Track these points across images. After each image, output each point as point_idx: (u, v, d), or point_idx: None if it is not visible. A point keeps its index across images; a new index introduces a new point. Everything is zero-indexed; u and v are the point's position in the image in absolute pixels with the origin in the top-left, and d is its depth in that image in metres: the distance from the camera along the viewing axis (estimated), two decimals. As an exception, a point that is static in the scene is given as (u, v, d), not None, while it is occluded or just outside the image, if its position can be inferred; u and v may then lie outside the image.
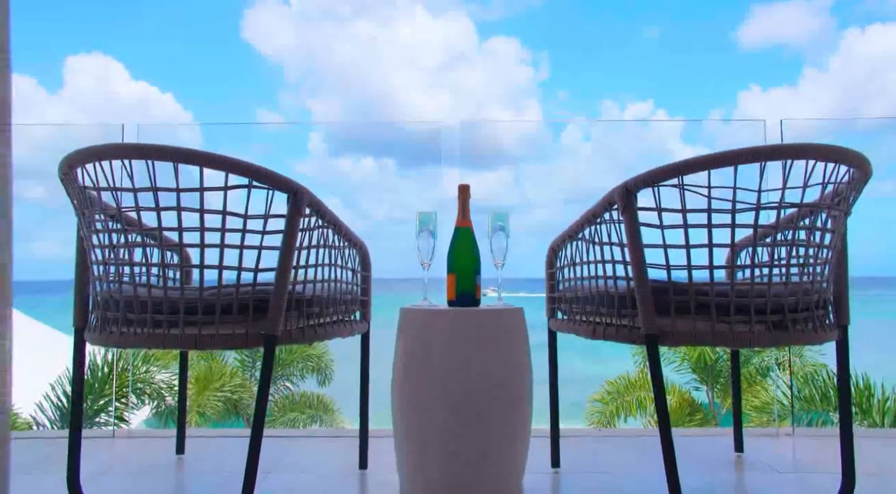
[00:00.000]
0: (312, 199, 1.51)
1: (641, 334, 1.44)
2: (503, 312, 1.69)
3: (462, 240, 1.76)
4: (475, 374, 1.61)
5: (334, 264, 1.69)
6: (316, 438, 2.43)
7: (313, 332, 1.59)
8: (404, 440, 1.66)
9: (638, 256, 1.44)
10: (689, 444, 2.22)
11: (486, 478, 1.61)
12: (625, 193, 1.45)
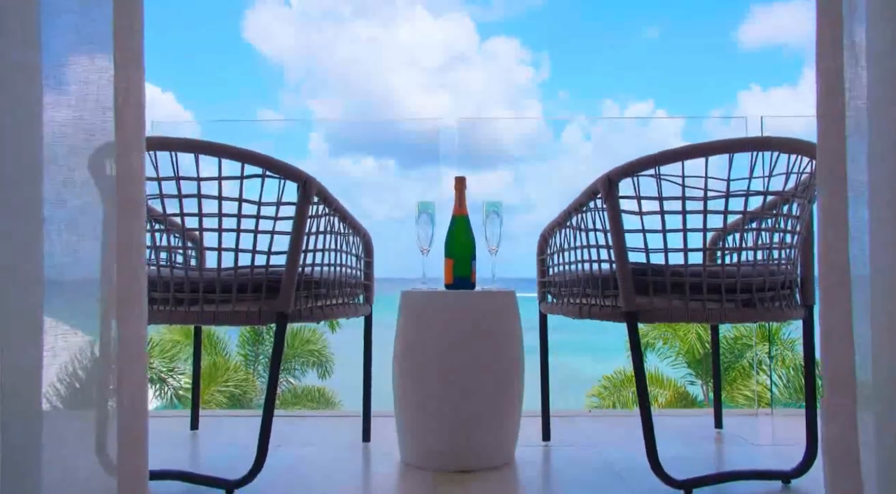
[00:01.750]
0: (320, 188, 1.65)
1: (622, 312, 1.57)
2: (497, 294, 1.82)
3: (459, 228, 1.89)
4: (470, 350, 1.74)
5: (340, 249, 1.82)
6: (322, 418, 2.57)
7: (321, 312, 1.72)
8: (404, 411, 1.80)
9: (619, 241, 1.57)
10: (672, 422, 2.35)
11: (480, 447, 1.75)
12: (607, 183, 1.58)
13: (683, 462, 1.66)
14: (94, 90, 0.91)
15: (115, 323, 0.93)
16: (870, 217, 0.89)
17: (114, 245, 1.00)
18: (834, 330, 0.90)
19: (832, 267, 0.91)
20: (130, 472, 0.91)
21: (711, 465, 1.84)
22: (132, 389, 0.92)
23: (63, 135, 0.91)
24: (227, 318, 1.56)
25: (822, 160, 0.94)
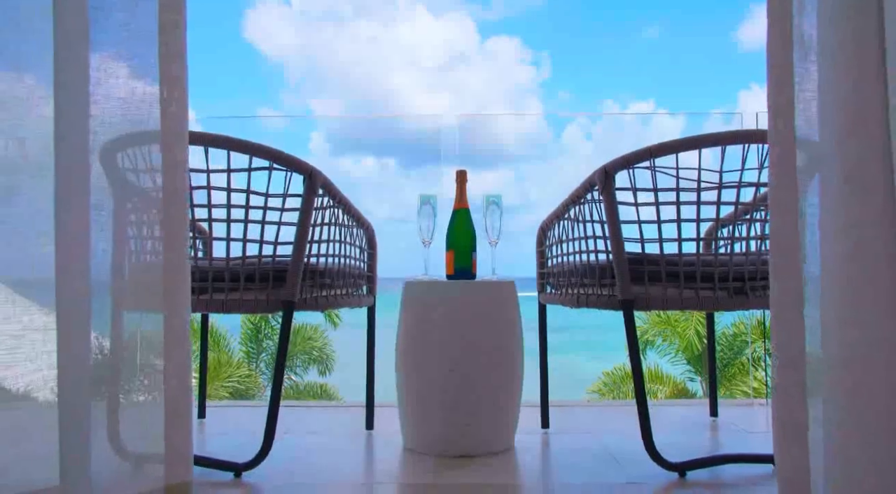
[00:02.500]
0: (325, 181, 1.69)
1: (618, 300, 1.61)
2: (497, 284, 1.87)
3: (460, 220, 1.94)
4: (471, 339, 1.79)
5: (344, 241, 1.87)
6: (325, 408, 2.62)
7: (326, 301, 1.77)
8: (406, 397, 1.85)
9: (615, 231, 1.62)
10: (668, 412, 2.40)
11: (480, 433, 1.79)
12: (604, 175, 1.63)
13: (679, 448, 1.70)
14: (141, 84, 0.96)
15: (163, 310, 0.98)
16: (819, 204, 0.94)
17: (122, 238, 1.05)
18: (785, 311, 0.96)
19: (784, 252, 0.96)
20: (177, 446, 0.96)
21: (706, 450, 1.88)
22: (178, 370, 0.97)
23: (111, 124, 0.96)
24: (236, 306, 1.61)
25: (774, 150, 0.99)
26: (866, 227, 0.86)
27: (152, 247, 1.04)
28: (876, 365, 0.85)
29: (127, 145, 1.04)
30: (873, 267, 0.85)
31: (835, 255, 0.89)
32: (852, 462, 0.87)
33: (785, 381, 0.94)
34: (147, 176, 1.05)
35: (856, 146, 0.87)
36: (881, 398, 0.84)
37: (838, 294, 0.89)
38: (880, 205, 0.85)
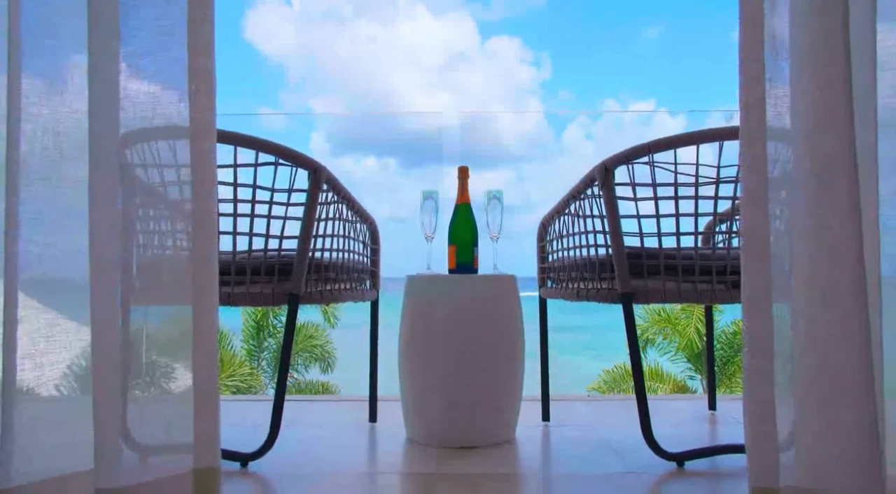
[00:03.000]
0: (330, 176, 1.72)
1: (618, 293, 1.64)
2: (498, 278, 1.91)
3: (461, 215, 1.97)
4: (472, 331, 1.82)
5: (348, 236, 1.90)
6: (329, 402, 2.65)
7: (330, 294, 1.80)
8: (409, 389, 1.88)
9: (615, 226, 1.65)
10: (667, 406, 2.43)
11: (482, 424, 1.82)
12: (603, 170, 1.66)
13: (677, 439, 1.73)
14: (170, 78, 0.98)
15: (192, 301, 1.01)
16: (789, 200, 0.98)
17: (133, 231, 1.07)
18: (756, 303, 0.99)
19: (754, 242, 0.99)
20: (204, 432, 0.99)
21: (704, 441, 1.91)
22: (205, 360, 1.00)
23: (143, 118, 0.99)
24: (242, 299, 1.64)
25: (745, 147, 1.03)
26: (834, 223, 0.90)
27: (181, 240, 1.07)
28: (841, 357, 0.89)
29: (157, 138, 1.07)
30: (840, 263, 0.89)
31: (804, 250, 0.93)
32: (816, 441, 0.92)
33: (755, 368, 0.98)
34: (176, 169, 1.08)
35: (823, 144, 0.91)
36: (845, 386, 0.89)
37: (806, 288, 0.93)
38: (846, 202, 0.89)
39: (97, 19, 0.92)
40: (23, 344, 0.95)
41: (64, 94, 0.97)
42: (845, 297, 0.89)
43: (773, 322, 0.97)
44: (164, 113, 1.01)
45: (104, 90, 0.94)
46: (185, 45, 0.99)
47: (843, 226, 0.89)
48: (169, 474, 0.97)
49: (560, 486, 1.50)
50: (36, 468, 0.95)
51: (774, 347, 0.97)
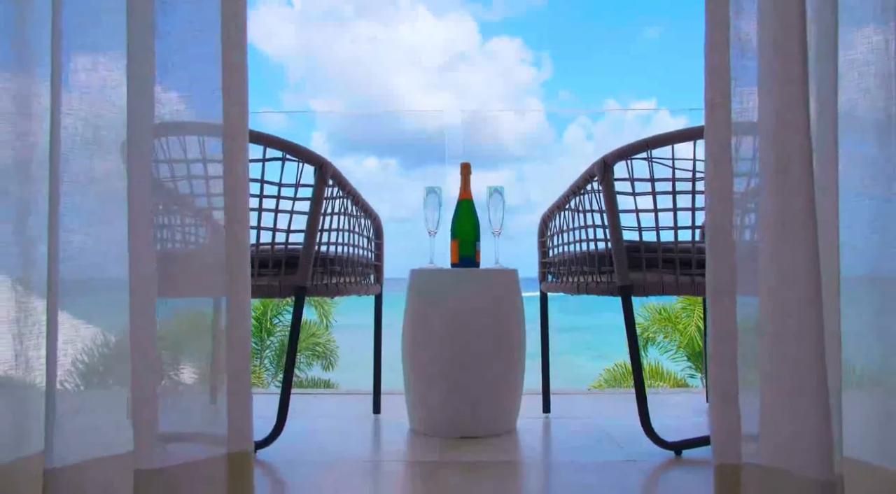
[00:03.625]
0: (335, 172, 1.76)
1: (617, 286, 1.68)
2: (499, 272, 1.95)
3: (464, 211, 2.01)
4: (474, 324, 1.86)
5: (352, 230, 1.94)
6: (333, 395, 2.69)
7: (335, 287, 1.84)
8: (412, 382, 1.92)
9: (614, 220, 1.69)
10: (666, 399, 2.47)
11: (484, 415, 1.86)
12: (603, 166, 1.70)
13: (675, 430, 1.77)
14: (204, 72, 1.02)
15: (226, 292, 1.05)
16: (752, 192, 1.03)
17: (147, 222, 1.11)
18: (720, 292, 1.04)
19: (719, 234, 1.05)
20: (237, 417, 1.04)
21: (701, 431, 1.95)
22: (238, 348, 1.04)
23: (177, 112, 1.02)
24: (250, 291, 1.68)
25: (710, 142, 1.07)
26: (793, 218, 0.95)
27: (214, 232, 1.11)
28: (798, 347, 0.94)
29: (191, 131, 1.11)
30: (797, 257, 0.94)
31: (767, 243, 0.98)
32: (775, 423, 0.97)
33: (719, 353, 1.04)
34: (208, 163, 1.12)
35: (784, 140, 0.96)
36: (801, 374, 0.93)
37: (768, 280, 0.98)
38: (804, 198, 0.93)
39: (134, 16, 0.96)
40: (64, 330, 0.98)
41: (104, 90, 1.01)
42: (803, 290, 0.94)
43: (736, 310, 1.02)
44: (197, 107, 1.04)
45: (140, 85, 0.98)
46: (218, 39, 1.02)
47: (801, 221, 0.94)
48: (204, 457, 1.01)
49: (559, 473, 1.54)
50: (78, 450, 0.99)
51: (738, 334, 1.02)
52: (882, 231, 0.99)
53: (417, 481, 1.50)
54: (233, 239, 1.06)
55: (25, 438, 1.05)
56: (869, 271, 1.01)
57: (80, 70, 0.99)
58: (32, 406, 1.05)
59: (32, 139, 1.05)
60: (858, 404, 1.03)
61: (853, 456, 1.00)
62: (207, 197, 1.14)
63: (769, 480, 0.98)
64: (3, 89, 1.01)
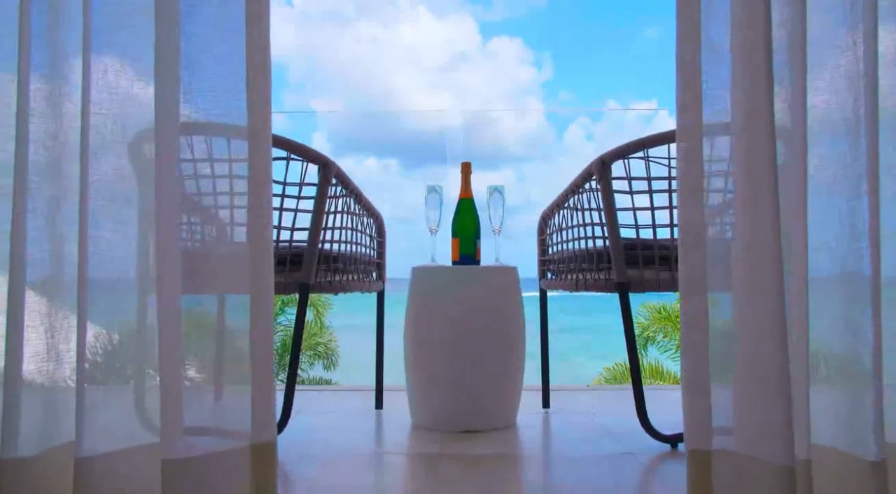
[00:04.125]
0: (339, 171, 1.80)
1: (615, 283, 1.72)
2: (500, 270, 1.98)
3: (464, 209, 2.05)
4: (475, 320, 1.90)
5: (355, 229, 1.97)
6: (336, 391, 2.72)
7: (339, 284, 1.88)
8: (414, 377, 1.95)
9: (612, 218, 1.72)
10: (664, 395, 2.50)
11: (484, 410, 1.90)
12: (601, 165, 1.73)
13: (672, 424, 1.80)
14: (229, 73, 1.06)
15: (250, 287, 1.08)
16: (722, 190, 1.08)
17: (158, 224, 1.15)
18: (691, 283, 1.08)
19: (691, 229, 1.09)
20: (261, 409, 1.07)
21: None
22: (261, 342, 1.08)
23: (204, 111, 1.06)
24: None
25: (682, 143, 1.11)
26: (761, 216, 0.99)
27: (238, 230, 1.14)
28: (763, 339, 0.98)
29: (216, 131, 1.14)
30: (762, 253, 0.98)
31: (737, 240, 1.02)
32: (743, 412, 1.02)
33: (691, 343, 1.08)
34: (232, 163, 1.15)
35: (751, 141, 1.00)
36: (766, 365, 0.98)
37: (738, 275, 1.02)
38: (770, 196, 0.98)
39: (162, 18, 0.99)
40: (94, 324, 1.02)
41: (130, 90, 1.04)
42: (767, 285, 0.98)
43: (707, 304, 1.07)
44: (222, 106, 1.07)
45: (167, 85, 1.01)
46: (242, 40, 1.05)
47: (768, 221, 0.98)
48: (229, 448, 1.05)
49: (558, 465, 1.58)
50: (106, 441, 1.02)
51: (709, 326, 1.07)
52: (850, 227, 1.03)
53: (420, 472, 1.53)
54: (255, 238, 1.09)
55: (56, 428, 1.09)
56: (837, 266, 1.05)
57: (109, 70, 1.02)
58: (63, 397, 1.08)
59: (63, 138, 1.09)
60: (826, 394, 1.08)
61: (820, 443, 1.04)
62: (230, 195, 1.17)
63: (738, 465, 1.02)
64: (37, 89, 1.05)
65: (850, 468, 1.02)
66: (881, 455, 0.99)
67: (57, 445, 1.08)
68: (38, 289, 1.06)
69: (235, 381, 1.08)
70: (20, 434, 1.02)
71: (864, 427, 1.01)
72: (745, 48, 0.99)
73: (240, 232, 1.12)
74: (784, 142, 1.04)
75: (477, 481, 1.44)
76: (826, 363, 1.09)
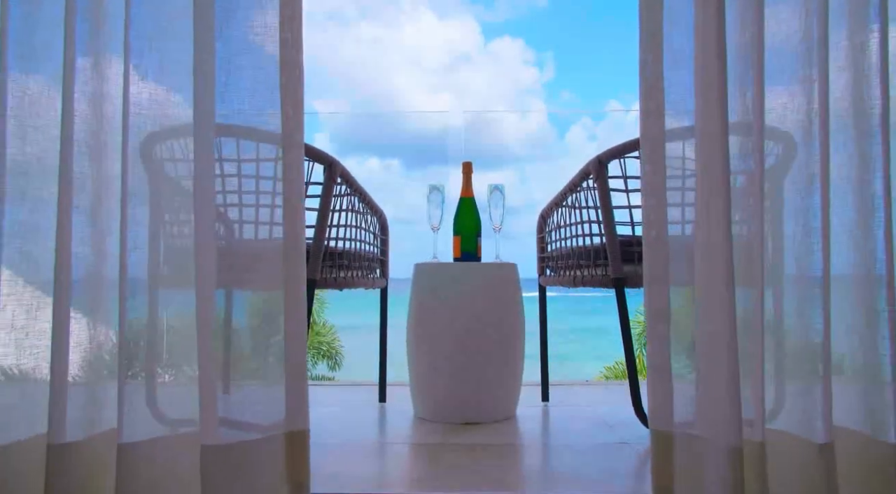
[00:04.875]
0: (343, 171, 1.86)
1: (611, 278, 1.77)
2: (500, 266, 2.04)
3: (466, 208, 2.11)
4: (476, 314, 1.96)
5: (359, 226, 2.03)
6: (339, 386, 2.78)
7: (344, 280, 1.93)
8: (416, 370, 2.01)
9: (608, 216, 1.78)
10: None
11: (485, 402, 1.96)
12: (597, 164, 1.79)
13: (667, 414, 1.86)
14: (264, 72, 1.11)
15: (283, 282, 1.14)
16: (683, 189, 1.17)
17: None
18: (654, 276, 1.15)
19: (653, 228, 1.16)
20: (295, 398, 1.13)
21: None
22: (295, 333, 1.14)
23: (240, 112, 1.12)
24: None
25: (646, 144, 1.18)
26: (715, 214, 1.06)
27: (272, 226, 1.20)
28: (716, 328, 1.05)
29: (250, 132, 1.19)
30: (719, 246, 1.04)
31: (699, 236, 1.09)
32: (700, 395, 1.09)
33: (655, 332, 1.15)
34: (268, 163, 1.20)
35: (706, 143, 1.07)
36: (718, 354, 1.04)
37: (698, 268, 1.09)
38: (723, 195, 1.04)
39: (199, 23, 1.05)
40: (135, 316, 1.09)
41: (170, 91, 1.10)
42: (721, 280, 1.04)
43: (669, 295, 1.14)
44: (258, 105, 1.13)
45: (204, 87, 1.06)
46: (277, 41, 1.11)
47: (719, 218, 1.05)
48: (265, 435, 1.10)
49: (556, 454, 1.63)
50: (144, 430, 1.08)
51: (671, 317, 1.14)
52: (804, 223, 1.10)
53: (423, 460, 1.59)
54: (290, 232, 1.14)
55: (98, 416, 1.14)
56: (792, 259, 1.12)
57: (148, 72, 1.08)
58: (105, 385, 1.14)
59: (104, 137, 1.15)
60: (780, 383, 1.15)
61: (774, 427, 1.12)
62: (256, 194, 1.23)
63: (694, 446, 1.09)
64: (81, 92, 1.11)
65: (801, 449, 1.09)
66: (829, 438, 1.06)
67: (99, 432, 1.13)
68: (81, 283, 1.11)
69: (270, 372, 1.14)
70: (67, 421, 1.07)
71: (813, 412, 1.08)
72: (703, 55, 1.05)
73: (270, 229, 1.18)
74: (742, 143, 1.11)
75: (478, 468, 1.49)
76: (782, 354, 1.16)
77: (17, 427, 1.10)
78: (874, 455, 1.08)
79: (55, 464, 1.05)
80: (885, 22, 1.08)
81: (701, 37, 1.06)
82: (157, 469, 1.07)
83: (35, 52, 1.13)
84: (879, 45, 1.09)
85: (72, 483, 1.06)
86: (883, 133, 1.08)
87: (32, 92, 1.14)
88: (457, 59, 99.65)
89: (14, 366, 1.12)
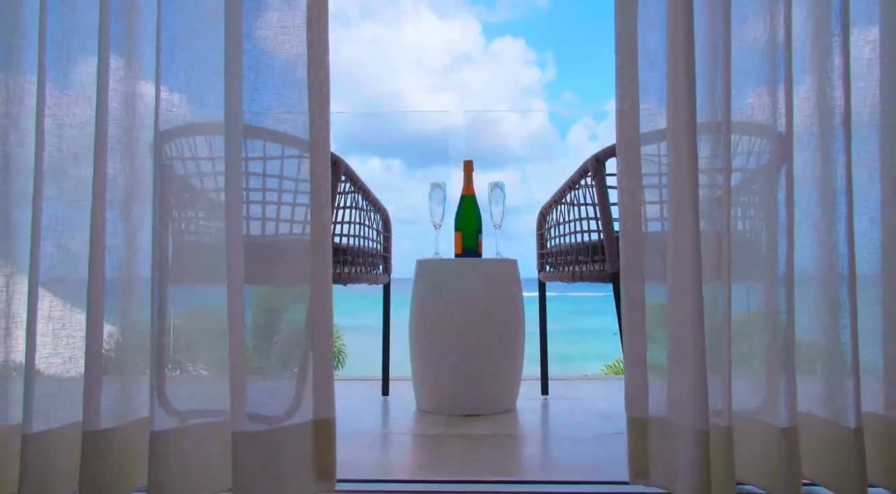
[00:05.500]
0: (347, 169, 1.90)
1: (608, 273, 1.82)
2: (500, 262, 2.09)
3: (467, 205, 2.15)
4: (477, 309, 2.00)
5: (363, 223, 2.08)
6: (343, 380, 2.83)
7: (348, 276, 1.98)
8: (419, 363, 2.06)
9: (606, 212, 1.82)
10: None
11: (486, 395, 2.00)
12: (595, 162, 1.83)
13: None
14: (292, 72, 1.16)
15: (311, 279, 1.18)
16: (659, 187, 1.24)
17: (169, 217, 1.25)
18: (630, 268, 1.21)
19: (629, 224, 1.22)
20: (322, 387, 1.18)
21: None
22: (321, 326, 1.18)
23: (266, 111, 1.16)
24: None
25: (621, 145, 1.23)
26: (682, 211, 1.12)
27: (300, 224, 1.25)
28: (686, 317, 1.10)
29: (276, 131, 1.23)
30: (688, 241, 1.11)
31: (677, 227, 1.15)
32: (672, 383, 1.15)
33: (630, 322, 1.21)
34: (293, 160, 1.24)
35: (676, 143, 1.13)
36: (686, 347, 1.10)
37: (670, 264, 1.15)
38: (690, 192, 1.10)
39: (229, 24, 1.09)
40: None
41: (200, 90, 1.15)
42: (688, 272, 1.10)
43: (644, 288, 1.20)
44: (285, 103, 1.17)
45: (234, 85, 1.11)
46: (304, 41, 1.15)
47: (688, 217, 1.11)
48: (294, 422, 1.15)
49: (554, 444, 1.68)
50: (174, 418, 1.13)
51: (645, 308, 1.20)
52: (770, 219, 1.16)
53: (425, 449, 1.64)
54: (315, 231, 1.19)
55: (131, 404, 1.19)
56: (760, 253, 1.18)
57: (180, 71, 1.12)
58: (137, 376, 1.19)
59: (135, 134, 1.19)
60: (747, 371, 1.21)
61: (741, 412, 1.17)
62: (286, 193, 1.26)
63: (667, 430, 1.15)
64: (114, 90, 1.16)
65: (765, 433, 1.14)
66: (791, 423, 1.12)
67: (131, 420, 1.18)
68: (114, 275, 1.16)
69: (297, 363, 1.18)
70: (101, 409, 1.12)
71: (777, 398, 1.13)
72: (674, 58, 1.11)
73: (290, 226, 1.22)
74: (712, 141, 1.17)
75: (479, 457, 1.54)
76: (748, 344, 1.21)
77: (56, 414, 1.15)
78: (836, 438, 1.14)
79: (90, 450, 1.09)
80: (847, 27, 1.14)
81: (671, 40, 1.11)
82: (186, 456, 1.12)
83: (71, 54, 1.18)
84: (841, 49, 1.14)
85: (106, 468, 1.11)
86: (845, 132, 1.14)
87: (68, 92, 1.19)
88: (458, 59, 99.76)
89: (52, 356, 1.16)
